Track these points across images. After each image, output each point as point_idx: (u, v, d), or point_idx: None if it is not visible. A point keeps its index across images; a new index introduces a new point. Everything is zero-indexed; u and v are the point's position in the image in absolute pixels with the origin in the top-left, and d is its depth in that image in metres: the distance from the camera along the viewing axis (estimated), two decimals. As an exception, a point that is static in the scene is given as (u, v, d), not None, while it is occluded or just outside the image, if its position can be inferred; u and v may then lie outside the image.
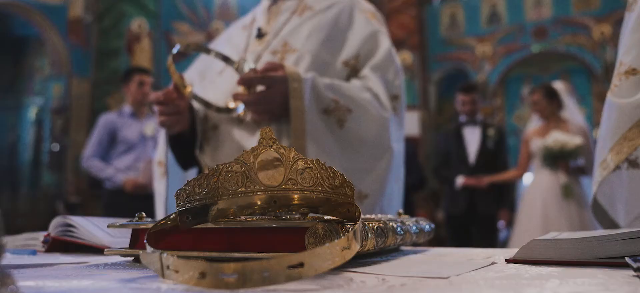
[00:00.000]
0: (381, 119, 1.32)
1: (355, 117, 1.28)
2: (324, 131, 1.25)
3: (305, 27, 1.38)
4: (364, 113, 1.30)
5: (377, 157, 1.31)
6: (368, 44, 1.40)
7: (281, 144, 0.58)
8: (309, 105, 1.23)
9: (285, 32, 1.38)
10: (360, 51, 1.39)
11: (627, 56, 0.95)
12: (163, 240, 0.61)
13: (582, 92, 7.67)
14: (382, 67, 1.39)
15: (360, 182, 1.28)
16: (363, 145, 1.29)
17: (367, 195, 1.29)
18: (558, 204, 3.64)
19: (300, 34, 1.37)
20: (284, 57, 1.33)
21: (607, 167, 0.95)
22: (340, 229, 0.55)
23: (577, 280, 0.45)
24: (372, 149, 1.30)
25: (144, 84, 3.68)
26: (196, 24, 8.09)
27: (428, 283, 0.46)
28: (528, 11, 8.07)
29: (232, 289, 0.38)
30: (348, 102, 1.28)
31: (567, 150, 3.63)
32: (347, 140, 1.28)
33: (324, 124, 1.25)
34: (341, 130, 1.27)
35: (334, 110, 1.27)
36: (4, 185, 7.84)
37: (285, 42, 1.36)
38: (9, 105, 8.27)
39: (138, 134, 3.64)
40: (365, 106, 1.30)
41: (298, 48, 1.34)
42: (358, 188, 1.27)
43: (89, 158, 3.59)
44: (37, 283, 0.46)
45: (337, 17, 1.41)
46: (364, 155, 1.30)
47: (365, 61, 1.39)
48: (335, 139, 1.26)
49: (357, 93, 1.31)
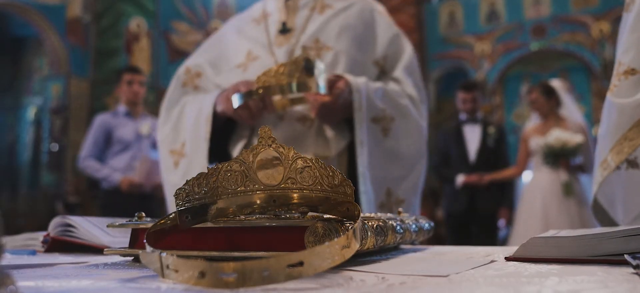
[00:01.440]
0: (418, 127, 1.37)
1: (397, 125, 1.32)
2: (372, 139, 1.28)
3: (334, 25, 1.38)
4: (405, 122, 1.34)
5: (413, 163, 1.35)
6: (394, 45, 1.43)
7: (280, 144, 0.58)
8: (364, 114, 1.26)
9: (313, 29, 1.38)
10: (388, 52, 1.42)
11: (626, 56, 0.95)
12: (162, 240, 0.61)
13: (581, 90, 7.67)
14: (412, 70, 1.43)
15: (398, 187, 1.32)
16: (402, 153, 1.33)
17: (403, 200, 1.32)
18: (558, 202, 3.64)
19: (330, 31, 1.37)
20: (319, 54, 1.34)
21: (608, 167, 0.95)
22: (340, 228, 0.55)
23: (576, 278, 0.45)
24: (410, 157, 1.34)
25: (133, 82, 3.67)
26: (195, 23, 8.08)
27: (428, 281, 0.46)
28: (527, 9, 8.07)
29: (231, 288, 0.38)
30: (393, 111, 1.32)
31: (568, 149, 3.64)
32: (390, 149, 1.31)
33: (372, 132, 1.28)
34: (385, 138, 1.31)
35: (381, 119, 1.30)
36: (3, 185, 7.84)
37: (316, 39, 1.36)
38: (7, 105, 8.27)
39: (133, 133, 3.64)
40: (406, 114, 1.34)
41: (332, 46, 1.35)
42: (395, 194, 1.31)
43: (85, 158, 3.59)
44: (37, 284, 0.46)
45: (361, 17, 1.42)
46: (403, 162, 1.33)
47: (393, 63, 1.42)
48: (379, 148, 1.29)
49: (399, 100, 1.34)
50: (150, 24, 7.44)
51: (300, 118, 1.29)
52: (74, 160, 3.91)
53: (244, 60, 1.38)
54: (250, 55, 1.38)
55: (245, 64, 1.37)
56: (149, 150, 3.67)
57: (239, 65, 1.39)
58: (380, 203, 1.30)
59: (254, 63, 1.35)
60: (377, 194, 1.28)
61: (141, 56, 7.25)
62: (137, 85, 3.69)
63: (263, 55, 1.36)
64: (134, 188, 3.45)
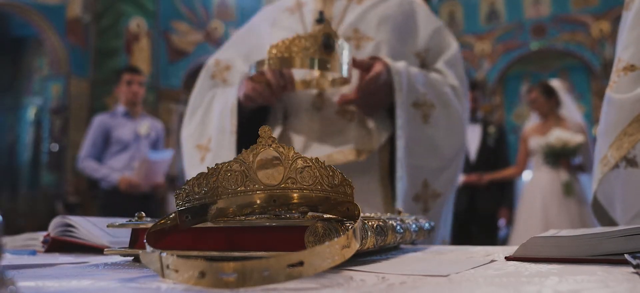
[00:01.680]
0: (459, 118, 1.30)
1: (438, 114, 1.25)
2: (412, 125, 1.21)
3: (373, 16, 1.33)
4: (446, 111, 1.27)
5: (452, 155, 1.28)
6: (437, 38, 1.38)
7: (281, 143, 0.58)
8: (404, 96, 1.19)
9: (352, 19, 1.33)
10: (430, 45, 1.36)
11: (626, 53, 0.95)
12: (163, 240, 0.61)
13: (581, 90, 7.68)
14: (454, 63, 1.37)
15: (435, 180, 1.25)
16: (442, 144, 1.26)
17: (440, 194, 1.26)
18: (558, 202, 3.65)
19: (370, 21, 1.32)
20: (359, 45, 1.29)
21: (608, 163, 0.94)
22: (340, 228, 0.55)
23: (576, 277, 0.45)
24: (449, 147, 1.28)
25: (132, 82, 3.67)
26: (195, 23, 8.08)
27: (428, 281, 0.46)
28: (527, 9, 8.07)
29: (231, 288, 0.38)
30: (434, 98, 1.25)
31: (569, 148, 3.64)
32: (429, 137, 1.24)
33: (412, 118, 1.22)
34: (425, 125, 1.24)
35: (422, 104, 1.23)
36: (4, 185, 7.84)
37: (356, 29, 1.31)
38: (7, 106, 8.27)
39: (132, 133, 3.64)
40: (447, 103, 1.27)
41: (372, 36, 1.30)
42: (432, 187, 1.24)
43: (83, 159, 3.60)
44: (37, 284, 0.46)
45: (400, 7, 1.37)
46: (442, 152, 1.26)
47: (436, 55, 1.36)
48: (419, 135, 1.23)
49: (441, 87, 1.28)
50: (150, 24, 7.44)
51: (340, 110, 1.23)
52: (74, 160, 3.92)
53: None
54: None
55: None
56: (147, 150, 3.67)
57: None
58: (416, 195, 1.23)
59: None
60: (413, 184, 1.22)
61: (141, 56, 7.25)
62: (137, 86, 3.69)
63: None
64: (133, 188, 3.46)
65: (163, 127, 4.04)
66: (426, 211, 1.24)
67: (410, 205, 1.21)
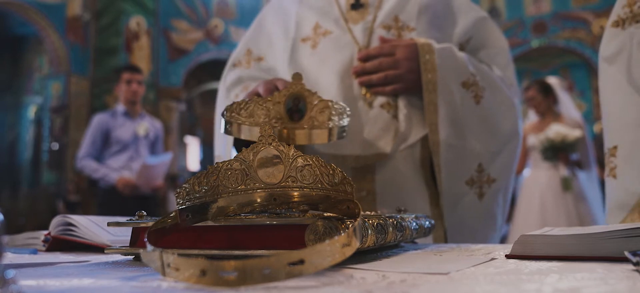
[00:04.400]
0: (510, 102, 1.25)
1: (489, 95, 1.20)
2: (462, 105, 1.16)
3: (414, 3, 1.24)
4: (498, 93, 1.22)
5: (505, 140, 1.23)
6: (481, 29, 1.31)
7: (281, 143, 0.58)
8: (446, 75, 1.14)
9: (391, 5, 1.23)
10: (472, 33, 1.30)
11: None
12: (163, 239, 0.61)
13: (581, 87, 7.67)
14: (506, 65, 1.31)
15: (490, 164, 1.20)
16: (495, 126, 1.21)
17: (495, 179, 1.20)
18: (556, 198, 3.65)
19: (410, 10, 1.24)
20: (400, 34, 1.22)
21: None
22: (340, 226, 0.55)
23: (576, 275, 0.45)
24: (503, 131, 1.22)
25: (132, 81, 3.67)
26: (195, 21, 8.08)
27: (428, 278, 0.46)
28: (527, 6, 8.06)
29: (232, 287, 0.38)
30: (482, 79, 1.20)
31: (568, 142, 3.64)
32: (483, 118, 1.19)
33: (461, 97, 1.16)
34: (477, 107, 1.18)
35: (472, 84, 1.18)
36: (4, 184, 7.85)
37: (396, 17, 1.23)
38: (8, 104, 8.28)
39: (131, 133, 3.64)
40: (496, 88, 1.22)
41: (413, 26, 1.22)
42: (487, 171, 1.19)
43: (82, 158, 3.59)
44: (38, 282, 0.46)
45: None
46: (496, 136, 1.21)
47: (480, 46, 1.30)
48: (473, 115, 1.17)
49: (489, 73, 1.23)
50: (150, 22, 7.44)
51: (384, 104, 1.17)
52: (74, 159, 3.92)
53: (311, 34, 1.23)
54: (319, 29, 1.23)
55: (314, 38, 1.22)
56: (146, 151, 3.68)
57: (305, 39, 1.23)
58: (470, 179, 1.17)
59: (324, 39, 1.21)
60: (467, 168, 1.17)
61: (141, 54, 7.25)
62: (136, 84, 3.68)
63: (335, 30, 1.21)
64: (130, 189, 3.46)
65: (162, 127, 4.04)
66: (481, 196, 1.20)
67: (463, 188, 1.17)
